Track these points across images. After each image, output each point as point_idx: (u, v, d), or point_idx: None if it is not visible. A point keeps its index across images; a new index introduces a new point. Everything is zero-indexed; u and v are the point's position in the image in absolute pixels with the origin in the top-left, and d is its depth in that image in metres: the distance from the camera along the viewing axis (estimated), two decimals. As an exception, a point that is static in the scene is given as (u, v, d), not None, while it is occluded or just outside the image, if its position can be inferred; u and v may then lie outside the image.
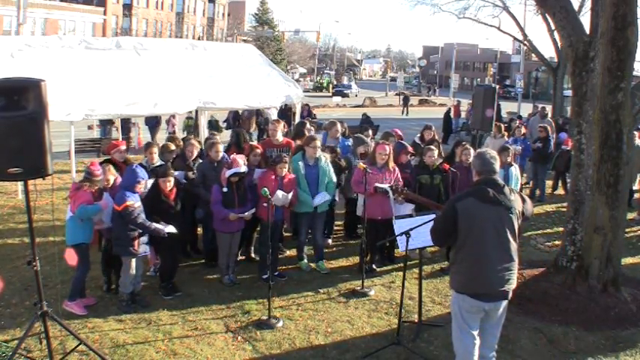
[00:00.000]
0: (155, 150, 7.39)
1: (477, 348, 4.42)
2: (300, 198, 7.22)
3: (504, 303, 4.38)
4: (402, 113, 37.99)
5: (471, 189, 4.43)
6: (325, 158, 7.56)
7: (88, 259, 6.16)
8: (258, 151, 7.64)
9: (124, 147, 7.54)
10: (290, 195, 6.86)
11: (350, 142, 9.24)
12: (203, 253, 7.78)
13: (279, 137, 8.14)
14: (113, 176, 6.52)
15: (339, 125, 9.51)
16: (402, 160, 7.89)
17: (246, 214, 6.81)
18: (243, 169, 6.81)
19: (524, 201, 4.51)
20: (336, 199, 8.39)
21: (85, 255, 6.08)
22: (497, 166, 4.43)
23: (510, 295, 4.36)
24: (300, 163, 7.30)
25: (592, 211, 6.76)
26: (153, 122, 17.53)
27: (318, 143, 7.41)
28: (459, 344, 4.46)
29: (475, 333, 4.40)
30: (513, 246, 4.31)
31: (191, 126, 17.47)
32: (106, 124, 17.32)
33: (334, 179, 7.54)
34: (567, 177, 11.80)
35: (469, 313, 4.35)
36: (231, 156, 7.05)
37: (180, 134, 16.07)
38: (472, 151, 7.52)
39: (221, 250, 6.98)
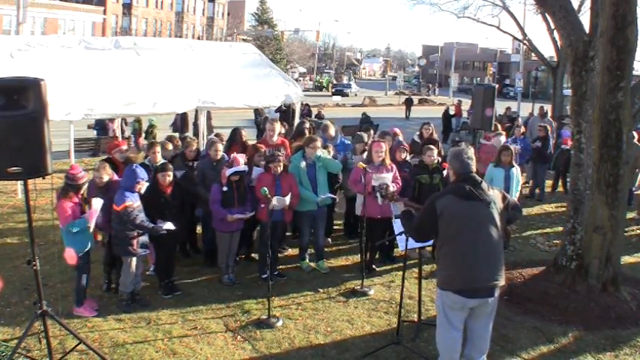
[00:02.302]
0: (158, 149, 7.40)
1: (460, 346, 4.43)
2: (303, 195, 7.22)
3: (491, 300, 4.31)
4: (406, 117, 35.73)
5: (450, 187, 4.48)
6: (322, 153, 7.56)
7: (87, 266, 6.08)
8: (262, 151, 7.65)
9: (125, 147, 7.53)
10: (288, 198, 6.86)
11: (348, 140, 9.24)
12: (203, 252, 7.79)
13: (275, 138, 8.17)
14: (108, 175, 6.41)
15: (331, 127, 9.51)
16: (398, 158, 7.87)
17: (246, 215, 6.80)
18: (244, 167, 6.82)
19: (505, 197, 4.50)
20: (336, 198, 8.39)
21: (84, 262, 6.00)
22: (473, 164, 4.45)
23: (497, 292, 4.32)
24: (302, 163, 7.30)
25: (592, 211, 6.76)
26: (101, 125, 17.26)
27: (319, 144, 7.41)
28: (441, 341, 4.47)
29: (458, 331, 4.39)
30: (496, 240, 4.27)
31: (138, 129, 17.48)
32: (99, 122, 17.13)
33: (334, 162, 7.59)
34: (567, 177, 11.81)
35: (453, 310, 4.34)
36: (232, 155, 7.07)
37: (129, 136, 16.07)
38: (472, 150, 7.52)
39: (220, 250, 6.98)
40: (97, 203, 5.86)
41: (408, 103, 38.48)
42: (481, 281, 4.23)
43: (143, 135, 17.25)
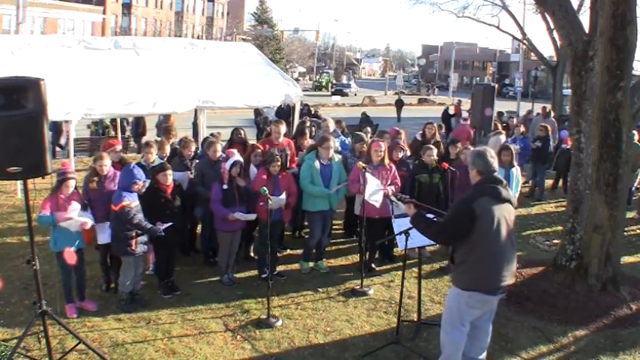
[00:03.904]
0: (153, 150, 7.40)
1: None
2: (314, 192, 7.21)
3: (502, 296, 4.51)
4: (398, 120, 32.58)
5: (482, 187, 4.38)
6: (339, 158, 7.56)
7: (75, 264, 5.95)
8: (259, 150, 7.66)
9: (119, 147, 7.53)
10: (284, 196, 6.86)
11: (349, 139, 9.23)
12: (202, 251, 7.78)
13: (280, 139, 8.19)
14: (109, 162, 6.50)
15: (330, 123, 9.48)
16: (395, 157, 7.87)
17: (248, 217, 6.79)
18: (238, 157, 6.87)
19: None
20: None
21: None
22: (497, 165, 4.49)
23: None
24: (316, 162, 7.30)
25: (591, 210, 6.77)
26: (54, 127, 17.18)
27: (332, 144, 7.41)
28: (450, 341, 4.48)
29: (467, 331, 4.44)
30: (514, 240, 4.48)
31: (94, 132, 17.38)
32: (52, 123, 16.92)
33: (345, 176, 7.58)
34: (568, 177, 11.82)
35: (472, 309, 4.37)
36: (226, 150, 7.13)
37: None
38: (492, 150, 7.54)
39: (222, 249, 6.98)
40: (74, 208, 5.83)
41: (399, 104, 35.46)
42: (505, 279, 4.33)
43: (205, 131, 16.92)
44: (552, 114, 17.40)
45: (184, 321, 5.98)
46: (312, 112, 21.39)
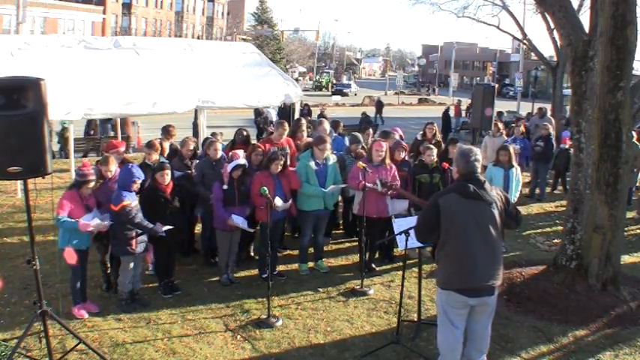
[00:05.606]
0: (156, 150, 7.39)
1: (461, 345, 4.43)
2: (309, 192, 7.21)
3: (491, 299, 4.36)
4: (375, 120, 29.83)
5: (453, 185, 4.48)
6: (334, 158, 7.56)
7: (83, 265, 6.01)
8: (260, 150, 7.65)
9: (122, 148, 7.52)
10: (289, 204, 6.88)
11: (347, 140, 9.23)
12: (201, 250, 7.78)
13: (282, 139, 8.21)
14: (115, 166, 6.49)
15: (326, 124, 9.48)
16: (397, 158, 7.85)
17: (245, 226, 6.80)
18: (243, 161, 6.84)
19: (507, 201, 4.48)
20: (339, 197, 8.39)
21: (80, 260, 5.91)
22: (479, 166, 4.45)
23: (496, 290, 4.36)
24: (311, 161, 7.29)
25: (591, 210, 6.77)
26: None
27: (328, 145, 7.39)
28: (443, 341, 4.47)
29: (459, 331, 4.39)
30: (496, 240, 4.31)
31: (66, 137, 17.15)
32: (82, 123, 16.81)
33: (340, 178, 7.57)
34: (567, 176, 11.83)
35: (454, 309, 4.35)
36: (231, 151, 7.10)
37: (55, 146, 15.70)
38: (479, 151, 7.53)
39: (221, 249, 6.98)
40: (97, 223, 5.85)
41: (379, 105, 33.61)
42: (481, 280, 4.25)
43: (56, 139, 16.20)
44: (549, 113, 17.41)
45: (184, 321, 5.98)
46: (319, 113, 21.26)
